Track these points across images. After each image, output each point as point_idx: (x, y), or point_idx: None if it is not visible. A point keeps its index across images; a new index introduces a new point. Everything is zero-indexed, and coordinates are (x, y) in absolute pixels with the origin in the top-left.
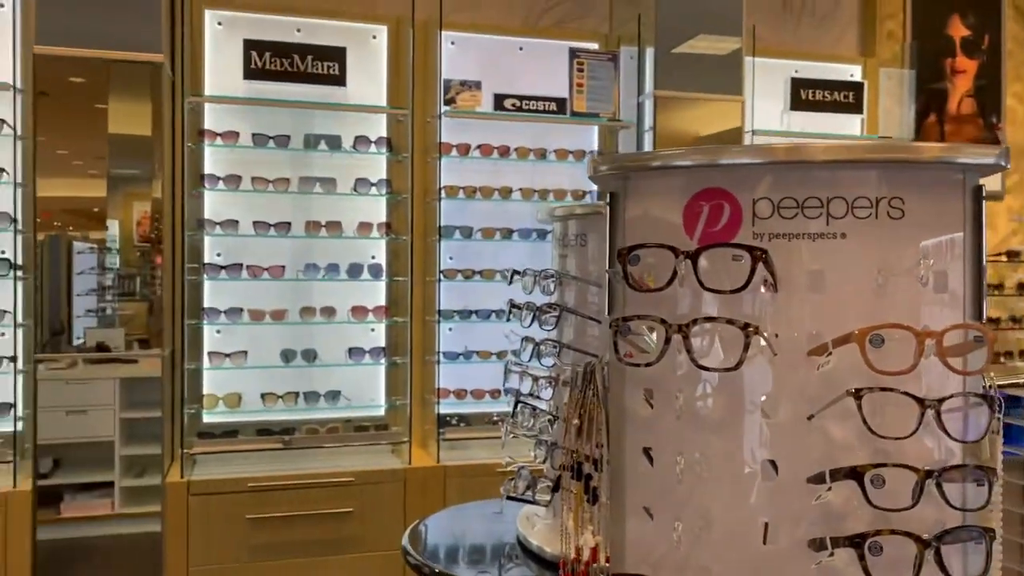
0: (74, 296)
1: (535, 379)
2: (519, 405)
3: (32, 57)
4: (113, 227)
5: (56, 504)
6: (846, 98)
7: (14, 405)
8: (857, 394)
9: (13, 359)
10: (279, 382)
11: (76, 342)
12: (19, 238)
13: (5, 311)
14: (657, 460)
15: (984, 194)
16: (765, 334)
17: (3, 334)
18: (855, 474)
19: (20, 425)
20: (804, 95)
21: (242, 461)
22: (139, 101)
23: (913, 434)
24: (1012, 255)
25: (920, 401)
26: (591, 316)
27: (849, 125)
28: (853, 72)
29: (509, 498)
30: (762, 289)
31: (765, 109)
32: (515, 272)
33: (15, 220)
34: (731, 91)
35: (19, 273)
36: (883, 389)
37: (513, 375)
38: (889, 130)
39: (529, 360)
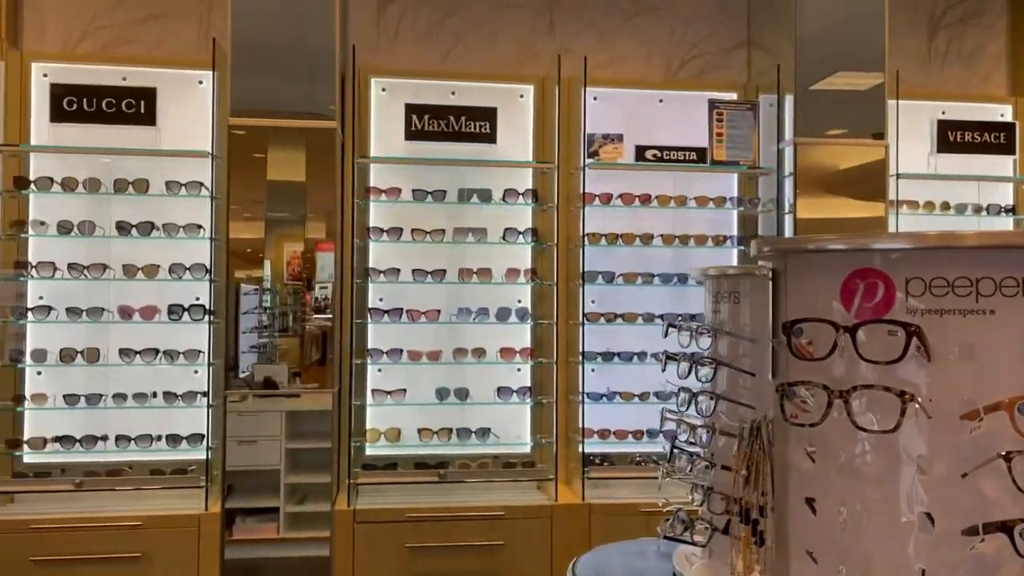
0: (240, 334)
1: (692, 427)
2: (675, 451)
3: (227, 128)
4: (266, 267)
5: (230, 526)
6: (996, 139)
7: (206, 436)
8: (1007, 457)
9: (206, 394)
10: (434, 418)
11: (242, 376)
12: (211, 286)
13: (199, 351)
14: (820, 509)
15: None
16: (919, 399)
17: (196, 372)
18: (1005, 528)
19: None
20: (952, 137)
21: (400, 492)
22: (323, 163)
23: None
24: None
25: None
26: (746, 370)
27: (1000, 166)
28: (1004, 112)
29: (667, 538)
30: (915, 358)
31: (911, 152)
32: (670, 325)
33: (209, 270)
34: (873, 130)
35: (211, 317)
36: None
37: (668, 422)
38: None
39: (686, 409)
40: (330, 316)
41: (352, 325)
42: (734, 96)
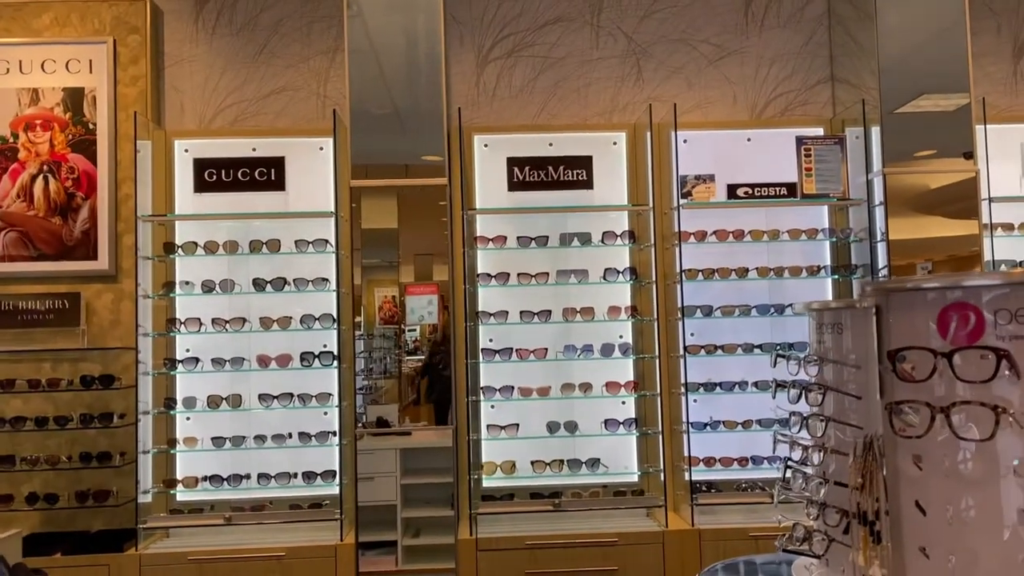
0: (357, 375)
1: (805, 448)
2: (789, 471)
3: (348, 189)
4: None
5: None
6: None
7: (339, 472)
8: None
9: (336, 433)
10: (546, 450)
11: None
12: (339, 333)
13: (329, 394)
14: (929, 511)
15: None
16: (1012, 412)
17: (326, 413)
18: None
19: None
20: None
21: (518, 521)
22: (436, 216)
23: None
24: None
25: None
26: (851, 393)
27: None
28: None
29: (786, 550)
30: (1006, 377)
31: (1002, 174)
32: (779, 355)
33: (336, 319)
34: (963, 149)
35: (337, 363)
36: None
37: (782, 444)
38: None
39: (798, 431)
40: (423, 359)
41: (468, 365)
42: (820, 131)
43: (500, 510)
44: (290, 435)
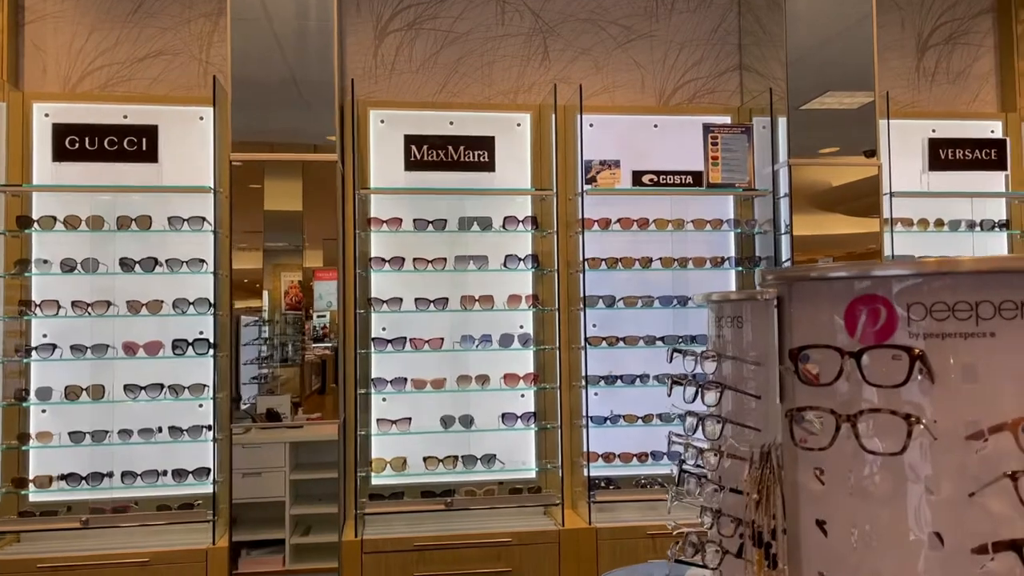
0: (241, 366)
1: (700, 451)
2: (684, 474)
3: (228, 163)
4: (265, 298)
5: (235, 560)
6: (988, 155)
7: (212, 469)
8: (1013, 476)
9: (211, 427)
10: (439, 446)
11: (244, 408)
12: (215, 319)
13: (205, 385)
14: (831, 531)
15: None
16: (924, 421)
17: (201, 406)
18: (1015, 546)
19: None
20: (943, 154)
21: (407, 521)
22: (324, 195)
23: None
24: None
25: None
26: (751, 392)
27: (993, 182)
28: (994, 128)
29: (677, 561)
30: (919, 381)
31: (904, 170)
32: (675, 350)
33: (213, 304)
34: (865, 147)
35: (214, 351)
36: None
37: (676, 445)
38: None
39: (693, 432)
40: (332, 346)
41: (356, 355)
42: (728, 120)
43: (388, 510)
44: (160, 429)
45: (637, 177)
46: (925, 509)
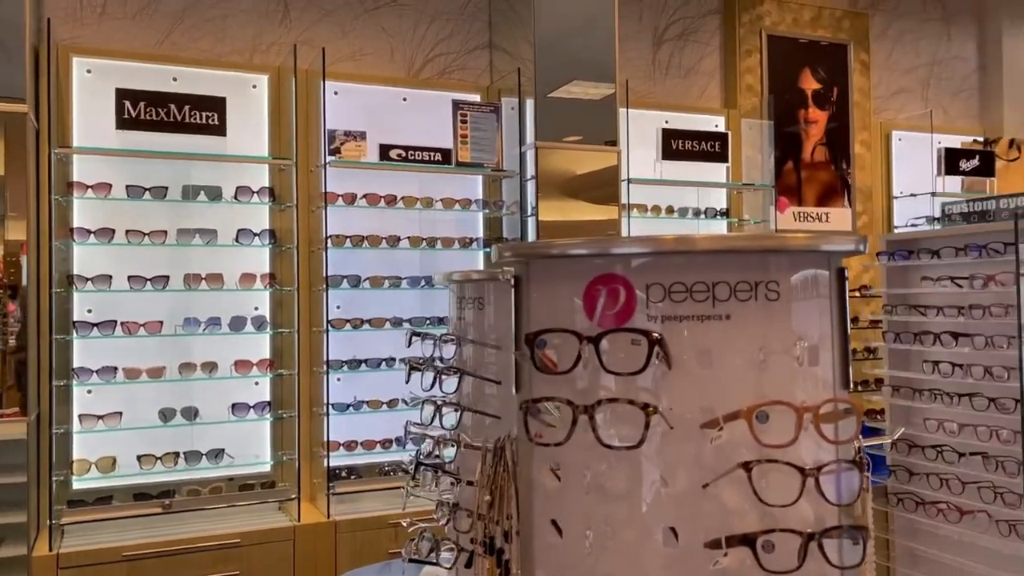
0: None
1: (437, 441)
2: (420, 467)
3: None
4: None
5: None
6: (713, 147)
7: None
8: (747, 466)
9: None
10: (158, 443)
11: None
12: None
13: None
14: (565, 531)
15: (846, 274)
16: (661, 409)
17: None
18: (747, 540)
19: None
20: (675, 145)
21: (118, 529)
22: (14, 154)
23: (797, 501)
24: (864, 289)
25: (801, 470)
26: (491, 378)
27: (716, 173)
28: (718, 123)
29: (411, 560)
30: (656, 367)
31: (640, 158)
32: (414, 333)
33: None
34: (607, 137)
35: None
36: (769, 461)
37: (413, 435)
38: (751, 177)
39: (431, 421)
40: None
41: (52, 342)
42: (477, 98)
43: (91, 517)
44: None
45: (385, 151)
46: (660, 503)
